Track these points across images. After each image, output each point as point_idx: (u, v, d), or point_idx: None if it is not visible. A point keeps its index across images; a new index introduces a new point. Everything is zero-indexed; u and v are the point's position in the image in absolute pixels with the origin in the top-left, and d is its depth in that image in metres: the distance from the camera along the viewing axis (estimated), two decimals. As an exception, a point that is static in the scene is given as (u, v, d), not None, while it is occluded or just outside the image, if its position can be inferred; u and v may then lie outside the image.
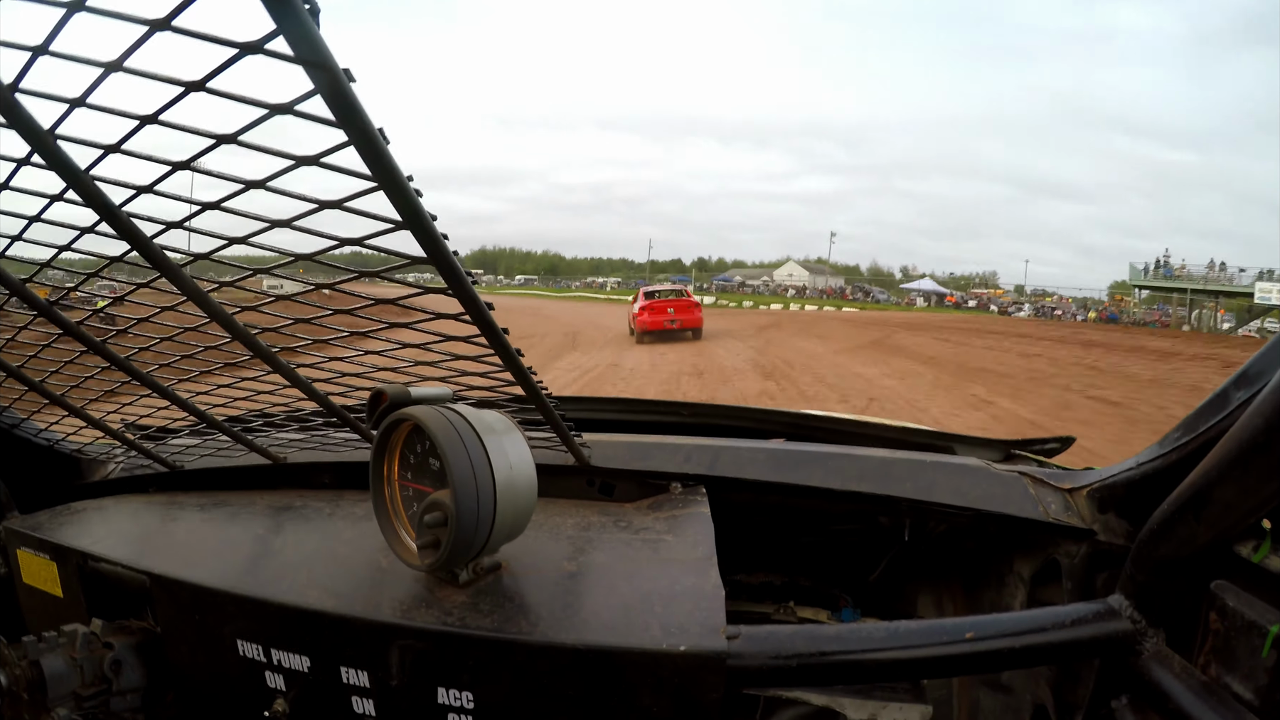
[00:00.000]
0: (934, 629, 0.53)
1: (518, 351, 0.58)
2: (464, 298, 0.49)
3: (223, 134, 0.37)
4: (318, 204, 0.42)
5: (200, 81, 0.33)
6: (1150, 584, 0.52)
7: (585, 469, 0.83)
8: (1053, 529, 0.68)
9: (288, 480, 0.92)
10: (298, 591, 0.58)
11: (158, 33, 0.31)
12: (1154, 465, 0.59)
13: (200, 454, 0.93)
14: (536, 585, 0.58)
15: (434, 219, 0.41)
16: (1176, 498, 0.49)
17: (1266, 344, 0.50)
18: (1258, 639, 0.44)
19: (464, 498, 0.53)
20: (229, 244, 0.47)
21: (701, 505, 0.76)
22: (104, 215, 0.43)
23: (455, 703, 0.52)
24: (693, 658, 0.48)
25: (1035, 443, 1.01)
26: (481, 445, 0.55)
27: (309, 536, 0.73)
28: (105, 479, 1.00)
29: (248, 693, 0.59)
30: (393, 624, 0.53)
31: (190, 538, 0.75)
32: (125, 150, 0.39)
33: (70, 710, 0.60)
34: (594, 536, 0.69)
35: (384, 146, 0.36)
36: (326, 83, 0.32)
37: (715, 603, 0.54)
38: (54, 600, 0.76)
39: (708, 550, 0.64)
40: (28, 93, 0.35)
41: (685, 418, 1.20)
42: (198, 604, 0.61)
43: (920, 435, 1.07)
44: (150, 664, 0.65)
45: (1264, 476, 0.41)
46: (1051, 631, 0.52)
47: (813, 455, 0.81)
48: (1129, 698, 0.53)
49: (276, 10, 0.29)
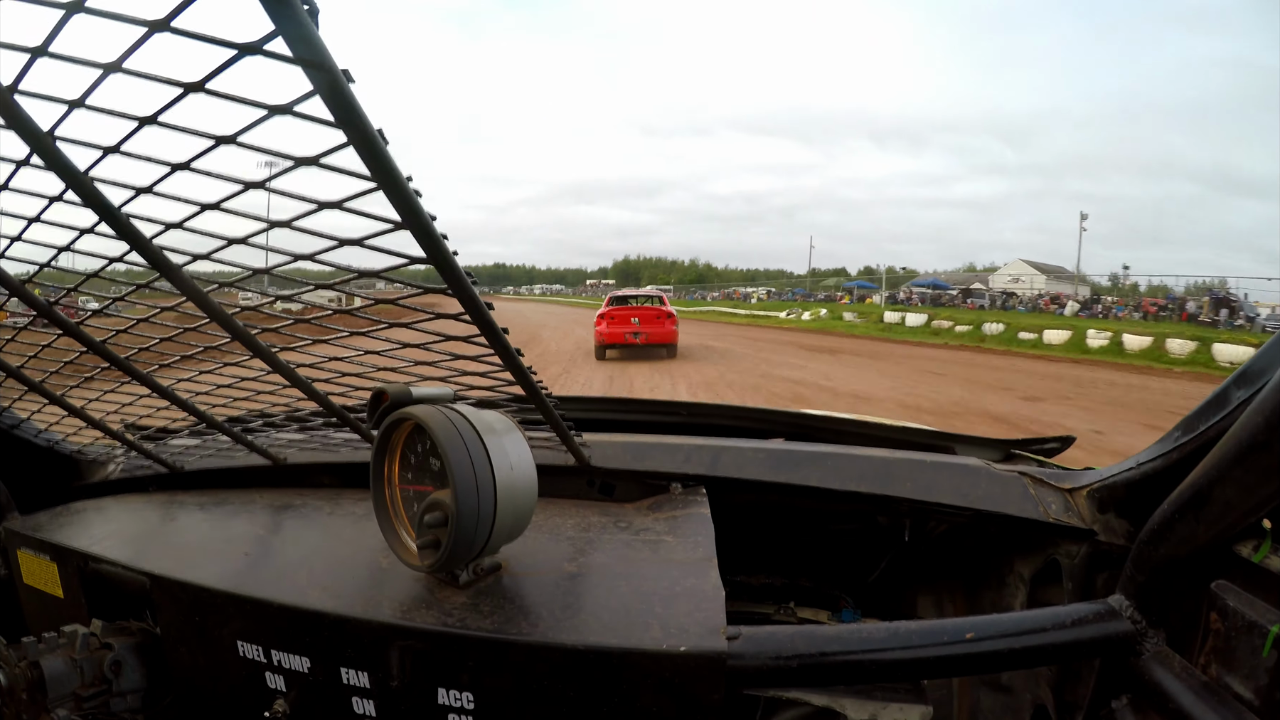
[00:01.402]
0: (934, 629, 0.53)
1: (518, 351, 0.58)
2: (464, 298, 0.49)
3: (222, 135, 0.37)
4: (317, 204, 0.42)
5: (199, 82, 0.33)
6: (1150, 584, 0.52)
7: (585, 469, 0.83)
8: (1053, 529, 0.68)
9: (288, 481, 0.92)
10: (298, 592, 0.58)
11: (157, 34, 0.31)
12: (1154, 465, 0.59)
13: (200, 454, 0.93)
14: (537, 586, 0.58)
15: (433, 219, 0.41)
16: (1177, 498, 0.49)
17: (1266, 343, 0.50)
18: (1258, 639, 0.44)
19: (464, 498, 0.53)
20: (228, 244, 0.47)
21: (702, 506, 0.76)
22: (103, 216, 0.43)
23: (455, 703, 0.52)
24: (693, 658, 0.48)
25: (1035, 442, 1.01)
26: (482, 445, 0.54)
27: (309, 537, 0.73)
28: (105, 480, 1.00)
29: (248, 693, 0.59)
30: (393, 624, 0.53)
31: (190, 538, 0.75)
32: (124, 151, 0.39)
33: (70, 711, 0.60)
34: (594, 537, 0.69)
35: (383, 147, 0.36)
36: (325, 83, 0.32)
37: (715, 603, 0.54)
38: (54, 601, 0.76)
39: (708, 551, 0.64)
40: (27, 94, 0.35)
41: (685, 418, 1.20)
42: (198, 605, 0.61)
43: (920, 435, 1.07)
44: (150, 665, 0.65)
45: (1264, 476, 0.41)
46: (1052, 632, 0.51)
47: (813, 455, 0.81)
48: (1129, 698, 0.53)
49: (275, 11, 0.29)
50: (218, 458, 0.94)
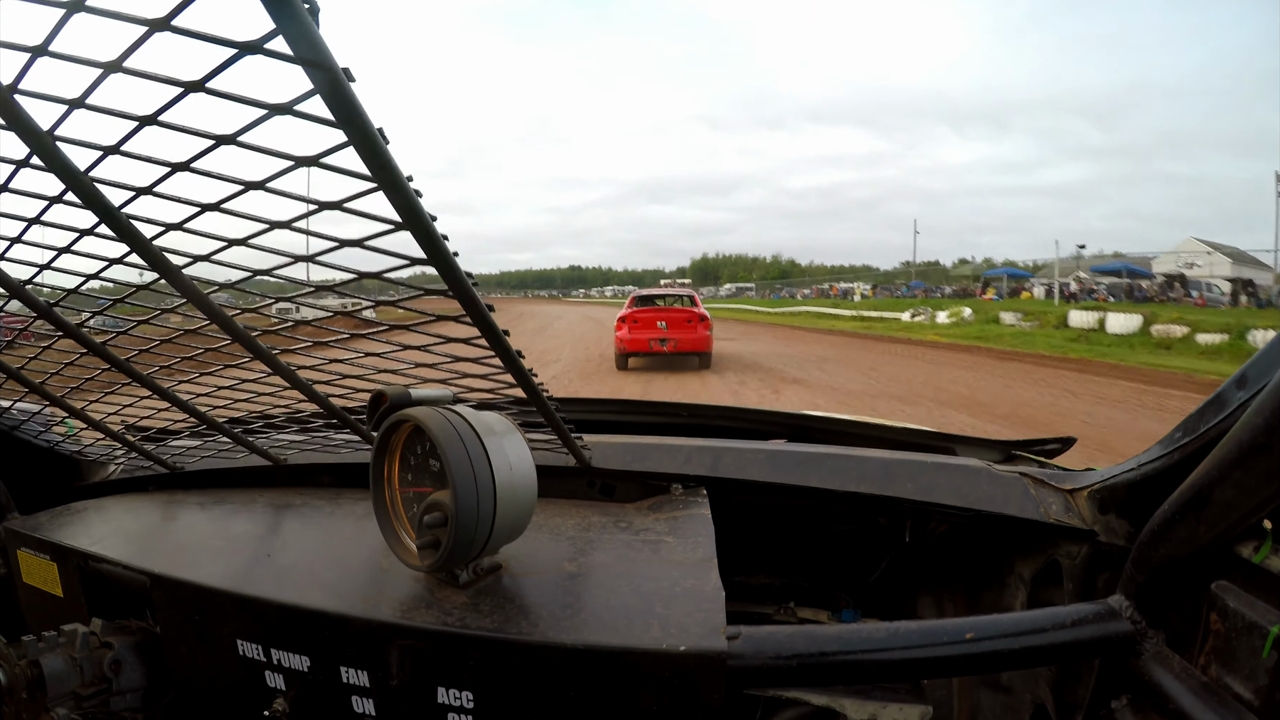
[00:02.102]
0: (934, 629, 0.52)
1: (518, 353, 0.58)
2: (464, 299, 0.49)
3: (222, 135, 0.37)
4: (317, 204, 0.42)
5: (199, 82, 0.33)
6: (1151, 585, 0.52)
7: (585, 470, 0.83)
8: (1053, 530, 0.68)
9: (288, 482, 0.92)
10: (298, 591, 0.58)
11: (157, 33, 0.31)
12: (1155, 466, 0.59)
13: (200, 456, 0.93)
14: (537, 586, 0.58)
15: (434, 219, 0.41)
16: (1177, 498, 0.49)
17: (1266, 344, 0.50)
18: (1258, 640, 0.44)
19: (464, 498, 0.53)
20: (229, 245, 0.47)
21: (702, 506, 0.76)
22: (103, 217, 0.43)
23: (455, 703, 0.52)
24: (693, 658, 0.48)
25: (1036, 443, 1.01)
26: (482, 446, 0.54)
27: (309, 536, 0.73)
28: (105, 480, 1.00)
29: (247, 692, 0.59)
30: (393, 624, 0.53)
31: (190, 538, 0.75)
32: (124, 151, 0.39)
33: (70, 710, 0.60)
34: (594, 537, 0.69)
35: (383, 147, 0.36)
36: (326, 83, 0.32)
37: (715, 603, 0.54)
38: (54, 600, 0.76)
39: (708, 551, 0.64)
40: (27, 94, 0.35)
41: (685, 419, 1.20)
42: (198, 604, 0.61)
43: (920, 436, 1.07)
44: (150, 664, 0.65)
45: (1265, 477, 0.41)
46: (1052, 632, 0.51)
47: (813, 456, 0.81)
48: (1129, 698, 0.53)
49: (275, 10, 0.29)
50: (218, 459, 0.93)
